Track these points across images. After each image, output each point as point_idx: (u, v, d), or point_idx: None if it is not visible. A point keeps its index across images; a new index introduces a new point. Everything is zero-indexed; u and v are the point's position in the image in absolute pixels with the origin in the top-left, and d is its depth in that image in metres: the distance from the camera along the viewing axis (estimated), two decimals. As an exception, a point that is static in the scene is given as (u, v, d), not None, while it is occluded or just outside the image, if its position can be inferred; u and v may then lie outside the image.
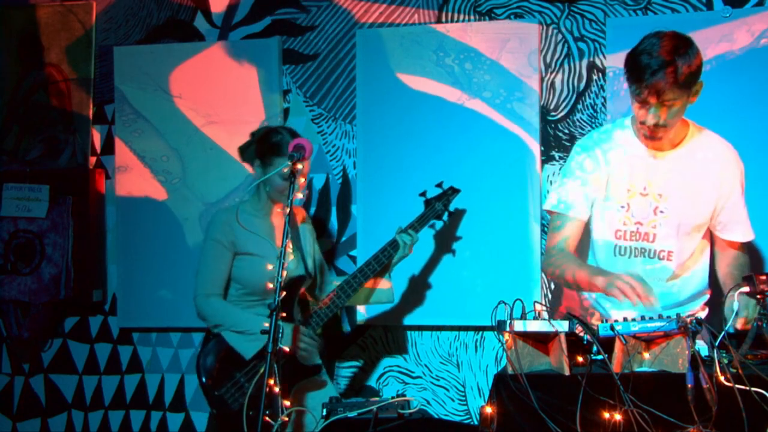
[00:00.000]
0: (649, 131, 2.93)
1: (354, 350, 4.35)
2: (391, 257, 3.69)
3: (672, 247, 3.04)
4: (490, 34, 4.16)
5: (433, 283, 4.17)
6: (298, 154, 3.21)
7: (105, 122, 4.69)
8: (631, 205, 3.05)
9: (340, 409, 3.08)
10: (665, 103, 2.85)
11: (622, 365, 2.51)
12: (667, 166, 3.03)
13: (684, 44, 2.87)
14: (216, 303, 3.54)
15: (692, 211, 3.00)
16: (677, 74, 2.81)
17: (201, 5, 4.59)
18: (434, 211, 3.83)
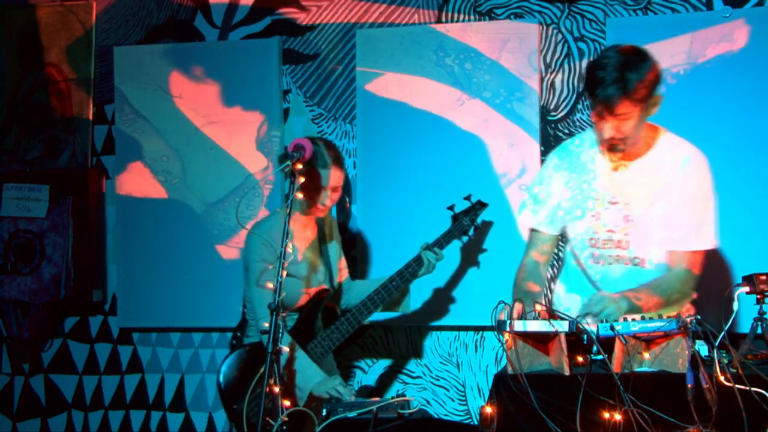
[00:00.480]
0: (608, 144, 2.94)
1: (354, 350, 4.35)
2: (415, 273, 3.67)
3: (645, 254, 3.05)
4: (490, 34, 4.16)
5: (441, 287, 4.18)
6: (298, 154, 3.20)
7: (105, 122, 4.69)
8: (602, 214, 3.07)
9: (340, 409, 3.07)
10: (619, 117, 2.86)
11: (622, 365, 2.50)
12: (634, 174, 3.05)
13: (638, 58, 2.87)
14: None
15: (661, 218, 3.01)
16: (628, 89, 2.81)
17: (201, 5, 4.59)
18: (461, 226, 3.77)
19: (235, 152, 4.43)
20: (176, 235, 4.49)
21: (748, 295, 2.72)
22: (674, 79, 3.90)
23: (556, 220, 3.15)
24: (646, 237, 3.05)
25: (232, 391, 3.49)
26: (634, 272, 3.08)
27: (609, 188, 3.07)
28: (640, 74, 2.82)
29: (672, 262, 3.03)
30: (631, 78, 2.80)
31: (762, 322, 2.68)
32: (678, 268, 3.02)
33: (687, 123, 3.85)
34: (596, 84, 2.84)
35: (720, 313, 2.69)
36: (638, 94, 2.82)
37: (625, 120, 2.86)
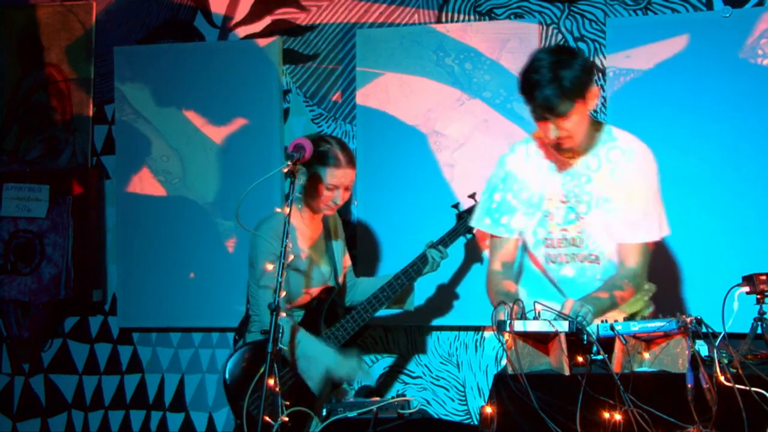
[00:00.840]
0: (556, 145, 2.97)
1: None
2: (420, 271, 3.68)
3: (599, 251, 3.07)
4: (490, 34, 4.16)
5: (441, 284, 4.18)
6: (298, 153, 3.20)
7: (105, 122, 4.69)
8: (554, 214, 3.09)
9: (340, 409, 3.07)
10: (560, 116, 2.89)
11: (622, 365, 2.50)
12: (582, 171, 3.07)
13: (568, 55, 2.91)
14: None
15: (612, 212, 3.03)
16: (564, 85, 2.84)
17: (201, 5, 4.59)
18: (466, 225, 3.76)
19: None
20: (176, 235, 4.49)
21: (748, 295, 2.72)
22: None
23: (512, 223, 3.16)
24: (598, 233, 3.07)
25: (237, 388, 3.49)
26: (591, 269, 3.10)
27: (559, 187, 3.10)
28: (574, 70, 2.86)
29: (624, 256, 3.05)
30: (566, 75, 2.84)
31: (762, 322, 2.68)
32: (631, 263, 3.03)
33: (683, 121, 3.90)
34: (533, 87, 2.87)
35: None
36: (575, 90, 2.86)
37: (568, 117, 2.89)
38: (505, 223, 3.17)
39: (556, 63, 2.86)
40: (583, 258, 3.10)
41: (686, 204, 3.88)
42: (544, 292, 3.14)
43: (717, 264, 3.83)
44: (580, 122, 2.94)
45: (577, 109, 2.89)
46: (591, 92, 2.93)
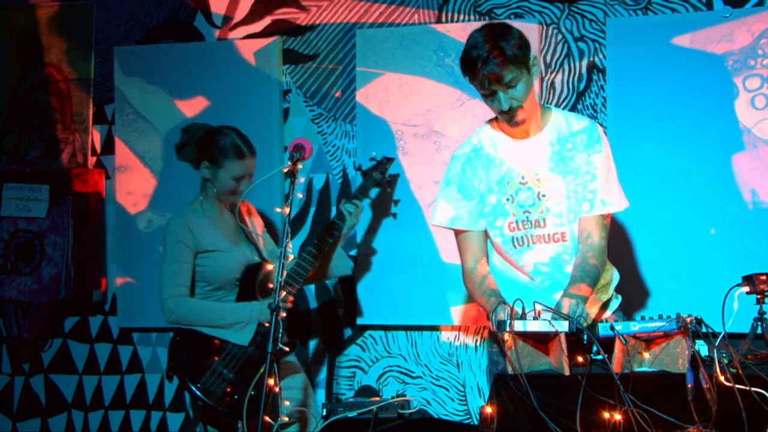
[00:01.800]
0: (508, 117, 3.01)
1: (355, 350, 4.35)
2: (340, 228, 3.75)
3: (564, 228, 3.08)
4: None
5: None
6: (297, 154, 3.21)
7: (105, 122, 4.69)
8: (514, 197, 3.11)
9: (340, 409, 3.08)
10: (509, 84, 2.95)
11: (622, 365, 2.50)
12: (535, 150, 3.12)
13: (503, 29, 3.01)
14: (189, 302, 3.61)
15: (570, 188, 3.05)
16: (506, 54, 2.93)
17: (201, 5, 4.59)
18: (372, 180, 3.92)
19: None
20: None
21: (748, 295, 2.72)
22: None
23: (476, 215, 3.16)
24: (561, 210, 3.09)
25: (191, 373, 3.57)
26: (558, 248, 3.11)
27: (516, 169, 3.12)
28: (511, 40, 2.94)
29: (587, 231, 3.07)
30: (505, 45, 2.92)
31: (762, 322, 2.68)
32: (594, 238, 3.05)
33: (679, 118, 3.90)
34: (476, 63, 2.94)
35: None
36: (517, 57, 2.93)
37: (515, 84, 2.96)
38: (468, 217, 3.17)
39: (493, 35, 2.95)
40: (548, 238, 3.11)
41: (686, 203, 3.89)
42: (511, 281, 3.15)
43: (716, 264, 3.83)
44: (527, 91, 2.99)
45: (523, 77, 2.96)
46: (532, 62, 3.01)
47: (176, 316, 3.59)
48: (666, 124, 3.93)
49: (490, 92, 2.98)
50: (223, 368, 3.54)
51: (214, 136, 3.66)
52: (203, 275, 3.64)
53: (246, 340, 3.56)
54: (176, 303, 3.57)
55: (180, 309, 3.58)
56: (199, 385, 3.52)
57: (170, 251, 3.62)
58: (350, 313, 4.33)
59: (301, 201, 4.40)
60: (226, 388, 3.51)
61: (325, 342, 4.38)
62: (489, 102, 3.03)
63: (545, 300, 2.81)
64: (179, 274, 3.60)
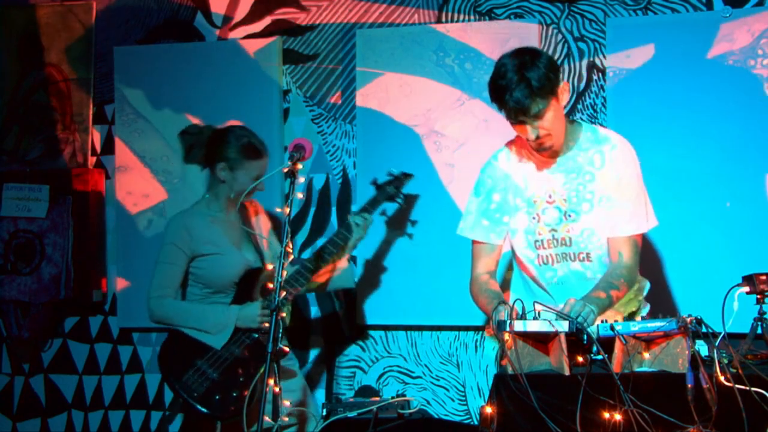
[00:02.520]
0: (536, 144, 2.99)
1: (355, 350, 4.35)
2: (346, 239, 3.73)
3: (589, 249, 3.08)
4: (490, 34, 4.16)
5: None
6: (297, 154, 3.21)
7: (105, 122, 4.69)
8: (541, 215, 3.11)
9: (340, 409, 3.08)
10: (536, 116, 2.92)
11: (622, 365, 2.50)
12: (564, 169, 3.10)
13: (531, 57, 2.94)
14: (170, 303, 3.61)
15: (598, 207, 3.04)
16: (533, 87, 2.87)
17: (201, 5, 4.59)
18: (386, 193, 3.89)
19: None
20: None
21: (748, 295, 2.72)
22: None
23: (498, 228, 3.16)
24: (587, 230, 3.08)
25: (174, 371, 3.58)
26: (582, 267, 3.11)
27: (543, 188, 3.11)
28: (539, 70, 2.89)
29: (616, 251, 3.06)
30: (532, 76, 2.88)
31: (762, 322, 2.68)
32: (624, 258, 3.04)
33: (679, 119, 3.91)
34: (502, 92, 2.90)
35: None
36: (545, 88, 2.89)
37: (543, 116, 2.93)
38: (488, 229, 3.18)
39: (520, 65, 2.89)
40: (574, 257, 3.11)
41: (685, 203, 3.89)
42: (535, 298, 3.14)
43: (716, 264, 3.83)
44: (555, 119, 2.96)
45: (551, 107, 2.93)
46: (560, 88, 2.97)
47: (156, 316, 3.63)
48: (666, 124, 3.93)
49: (517, 121, 2.95)
50: (207, 367, 3.54)
51: (227, 137, 3.65)
52: (200, 278, 3.64)
53: (220, 344, 3.56)
54: (157, 304, 3.61)
55: (159, 309, 3.61)
56: (181, 382, 3.52)
57: (163, 252, 3.64)
58: (350, 313, 4.33)
59: (301, 201, 4.40)
60: (209, 387, 3.51)
61: (325, 343, 4.38)
62: (517, 130, 3.00)
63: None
64: (167, 276, 3.62)
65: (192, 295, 3.67)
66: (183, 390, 3.52)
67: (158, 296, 3.60)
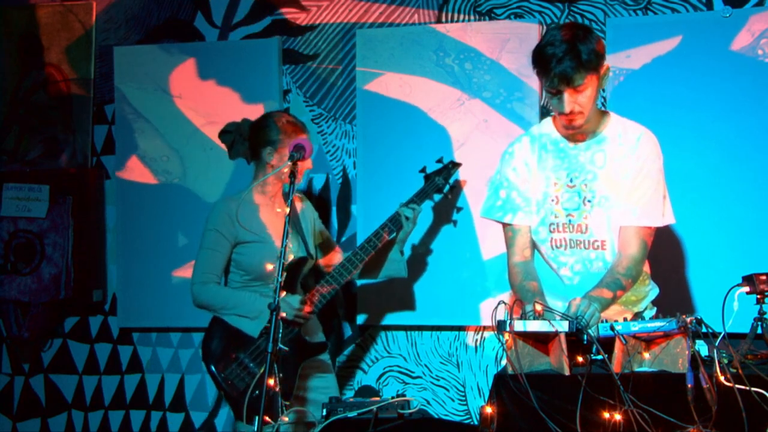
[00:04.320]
0: (567, 120, 3.00)
1: (356, 351, 4.35)
2: (391, 231, 3.71)
3: (605, 237, 3.07)
4: (490, 34, 4.16)
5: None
6: (297, 154, 3.21)
7: (105, 122, 4.69)
8: (560, 198, 3.10)
9: (340, 409, 3.07)
10: (576, 88, 2.94)
11: (622, 365, 2.50)
12: (587, 155, 3.10)
13: (584, 31, 2.98)
14: (213, 289, 3.62)
15: (617, 198, 3.04)
16: (581, 57, 2.91)
17: (201, 5, 4.59)
18: (434, 185, 3.85)
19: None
20: (177, 234, 4.48)
21: (748, 295, 2.72)
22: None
23: (527, 210, 3.16)
24: (604, 218, 3.08)
25: (219, 362, 3.58)
26: (595, 255, 3.10)
27: (565, 171, 3.11)
28: (590, 45, 2.92)
29: (625, 241, 3.04)
30: (582, 49, 2.90)
31: (762, 322, 2.68)
32: (632, 249, 3.03)
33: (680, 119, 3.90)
34: (549, 60, 2.92)
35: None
36: (591, 63, 2.92)
37: (583, 91, 2.94)
38: (518, 212, 3.16)
39: (573, 37, 2.92)
40: (588, 244, 3.10)
41: (685, 203, 3.89)
42: (546, 280, 3.14)
43: (716, 263, 3.83)
44: (591, 97, 2.98)
45: (591, 83, 2.94)
46: (603, 68, 2.99)
47: (200, 301, 3.64)
48: (666, 124, 3.92)
49: (556, 91, 2.96)
50: (250, 362, 3.54)
51: (265, 122, 3.66)
52: (241, 265, 3.64)
53: (257, 331, 3.55)
54: (200, 289, 3.61)
55: (202, 294, 3.61)
56: (224, 375, 3.54)
57: (206, 238, 3.65)
58: (350, 313, 4.34)
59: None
60: (250, 382, 3.51)
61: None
62: (552, 101, 3.01)
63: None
64: (210, 261, 3.62)
65: (232, 282, 3.68)
66: (225, 384, 3.53)
67: (201, 282, 3.61)
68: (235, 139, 3.75)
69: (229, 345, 3.58)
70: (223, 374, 3.55)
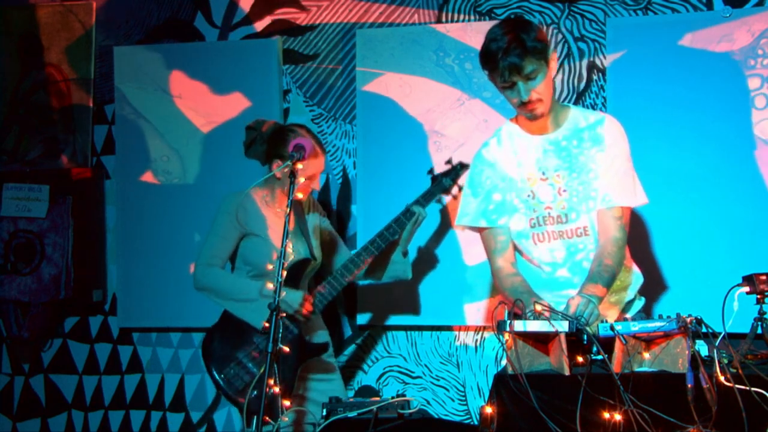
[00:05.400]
0: (528, 109, 3.04)
1: (356, 351, 4.35)
2: (395, 233, 3.69)
3: (585, 223, 3.10)
4: (490, 34, 4.15)
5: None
6: (297, 154, 3.21)
7: (105, 122, 4.69)
8: (535, 192, 3.12)
9: (340, 409, 3.07)
10: (529, 76, 2.97)
11: (622, 365, 2.51)
12: (555, 146, 3.13)
13: (522, 22, 3.04)
14: (216, 272, 3.62)
15: (590, 184, 3.06)
16: (526, 46, 2.95)
17: (201, 5, 4.59)
18: (441, 186, 3.82)
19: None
20: (176, 234, 4.48)
21: (748, 295, 2.72)
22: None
23: (496, 212, 3.18)
24: (581, 204, 3.10)
25: (216, 360, 3.60)
26: (579, 242, 3.11)
27: (536, 165, 3.13)
28: (531, 33, 2.97)
29: (602, 224, 3.06)
30: (525, 37, 2.94)
31: (762, 322, 2.68)
32: (612, 231, 3.04)
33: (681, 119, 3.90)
34: (496, 54, 2.96)
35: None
36: (537, 49, 2.96)
37: (535, 77, 2.98)
38: (494, 214, 3.18)
39: (513, 28, 2.97)
40: (570, 233, 3.11)
41: (686, 203, 3.89)
42: (531, 280, 3.14)
43: (715, 263, 3.83)
44: (546, 85, 3.01)
45: (541, 69, 2.98)
46: (552, 57, 3.03)
47: (201, 283, 3.63)
48: (666, 124, 3.93)
49: (509, 84, 2.99)
50: (248, 361, 3.54)
51: (285, 134, 3.61)
52: (244, 257, 3.65)
53: (258, 321, 3.52)
54: (203, 272, 3.62)
55: (205, 277, 3.62)
56: (222, 375, 3.54)
57: (216, 224, 3.65)
58: (350, 312, 4.33)
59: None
60: (248, 382, 3.51)
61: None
62: (508, 94, 3.04)
63: (563, 296, 2.81)
64: (216, 247, 3.63)
65: (237, 273, 3.68)
66: (224, 384, 3.53)
67: (206, 264, 3.62)
68: (255, 139, 3.70)
69: (230, 343, 3.57)
70: (222, 374, 3.55)
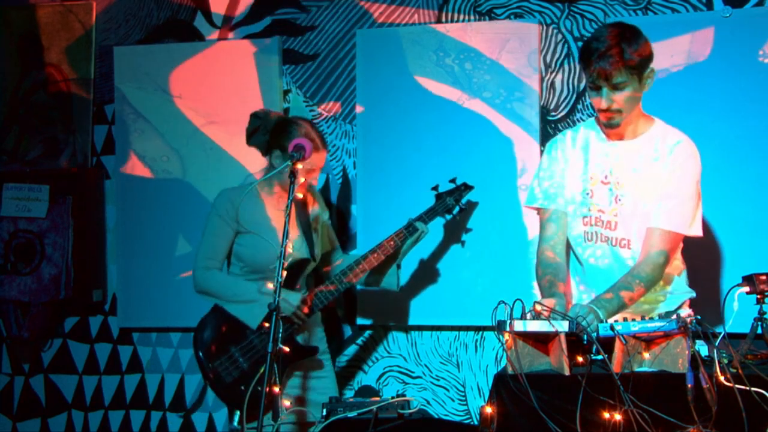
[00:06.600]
0: (605, 116, 3.03)
1: (355, 350, 4.35)
2: (404, 240, 3.71)
3: (630, 236, 3.08)
4: (490, 34, 4.16)
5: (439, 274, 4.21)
6: (297, 154, 3.21)
7: (105, 122, 4.69)
8: (594, 192, 3.13)
9: (339, 409, 3.08)
10: (616, 86, 2.96)
11: (622, 365, 2.51)
12: (625, 154, 3.12)
13: (631, 32, 3.00)
14: (216, 275, 3.62)
15: (647, 200, 3.05)
16: (624, 57, 2.92)
17: (201, 5, 4.59)
18: (444, 205, 3.84)
19: (234, 152, 4.43)
20: (176, 234, 4.48)
21: (748, 295, 2.72)
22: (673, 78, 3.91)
23: (563, 200, 3.18)
24: (633, 218, 3.08)
25: (208, 352, 3.59)
26: (620, 253, 3.10)
27: (602, 167, 3.13)
28: (635, 45, 2.94)
29: (647, 242, 3.04)
30: (625, 48, 2.92)
31: (762, 322, 2.68)
32: (652, 250, 3.01)
33: (685, 121, 3.88)
34: (591, 54, 2.95)
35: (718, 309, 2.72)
36: (632, 62, 2.93)
37: (621, 89, 2.96)
38: (554, 199, 3.19)
39: (619, 35, 2.94)
40: (615, 241, 3.11)
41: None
42: (575, 274, 3.17)
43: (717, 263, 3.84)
44: (631, 99, 2.99)
45: (631, 83, 2.96)
46: (646, 74, 3.00)
47: (201, 287, 3.64)
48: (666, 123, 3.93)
49: (595, 86, 2.99)
50: (239, 356, 3.54)
51: (288, 127, 3.60)
52: (239, 254, 3.64)
53: (256, 322, 3.54)
54: (203, 275, 3.62)
55: (205, 281, 3.62)
56: (212, 366, 3.53)
57: (209, 224, 3.66)
58: (350, 312, 4.33)
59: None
60: (237, 377, 3.51)
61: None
62: (592, 95, 3.03)
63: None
64: (212, 247, 3.63)
65: (232, 273, 3.68)
66: (213, 375, 3.53)
67: (204, 267, 3.62)
68: (259, 128, 3.68)
69: (224, 335, 3.57)
70: (212, 365, 3.54)
